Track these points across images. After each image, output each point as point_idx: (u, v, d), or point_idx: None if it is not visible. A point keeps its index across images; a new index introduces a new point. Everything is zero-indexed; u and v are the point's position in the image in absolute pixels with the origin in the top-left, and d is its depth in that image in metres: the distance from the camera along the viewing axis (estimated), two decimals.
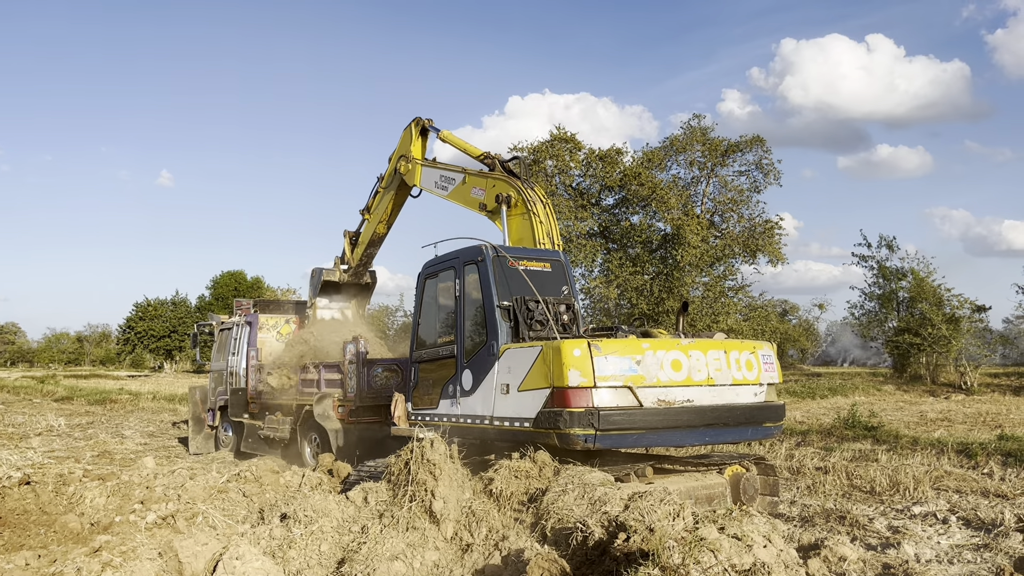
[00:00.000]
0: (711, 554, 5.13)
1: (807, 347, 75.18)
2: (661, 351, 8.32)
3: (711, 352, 8.68)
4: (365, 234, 15.37)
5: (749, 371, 8.96)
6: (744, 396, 8.92)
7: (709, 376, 8.58)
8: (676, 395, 8.33)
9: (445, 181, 12.60)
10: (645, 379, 8.11)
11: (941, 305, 44.22)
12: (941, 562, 7.71)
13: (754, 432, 9.16)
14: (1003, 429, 18.02)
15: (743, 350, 9.01)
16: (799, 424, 19.22)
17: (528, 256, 9.63)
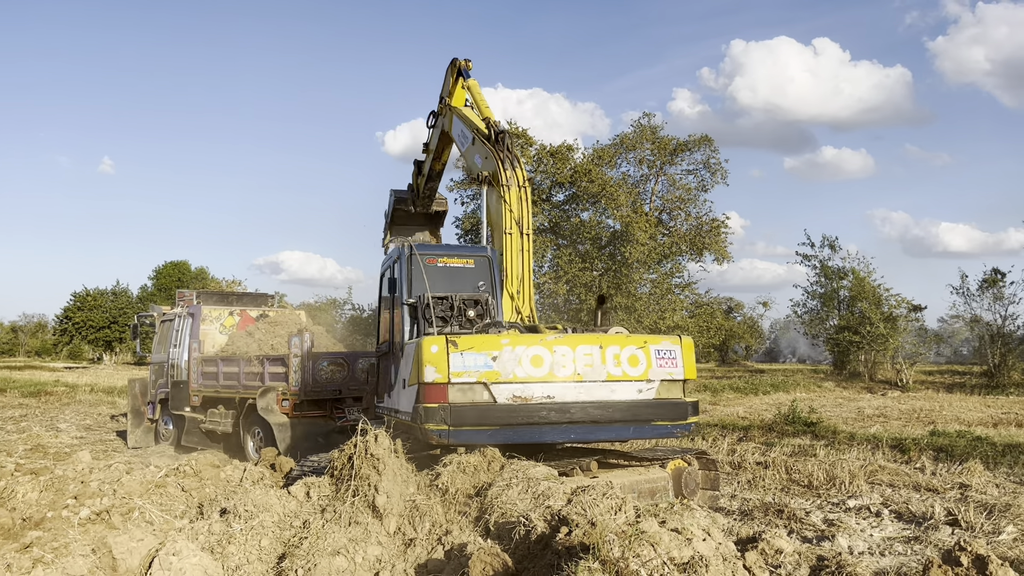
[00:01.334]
0: (651, 547, 5.20)
1: (751, 344, 76.55)
2: (520, 347, 8.25)
3: (581, 348, 8.41)
4: (424, 167, 14.84)
5: (632, 367, 8.56)
6: (623, 393, 8.53)
7: (576, 372, 8.34)
8: (534, 391, 8.24)
9: (463, 136, 12.02)
10: (500, 375, 8.14)
11: (880, 304, 45.47)
12: (873, 554, 7.93)
13: (638, 431, 8.69)
14: (935, 425, 18.61)
15: (625, 345, 8.60)
16: (741, 420, 19.58)
17: (451, 253, 9.89)
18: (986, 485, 11.52)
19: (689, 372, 8.86)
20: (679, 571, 5.14)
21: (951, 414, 23.75)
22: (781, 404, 21.77)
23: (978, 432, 16.31)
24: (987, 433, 16.31)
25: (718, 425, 17.60)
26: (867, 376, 45.45)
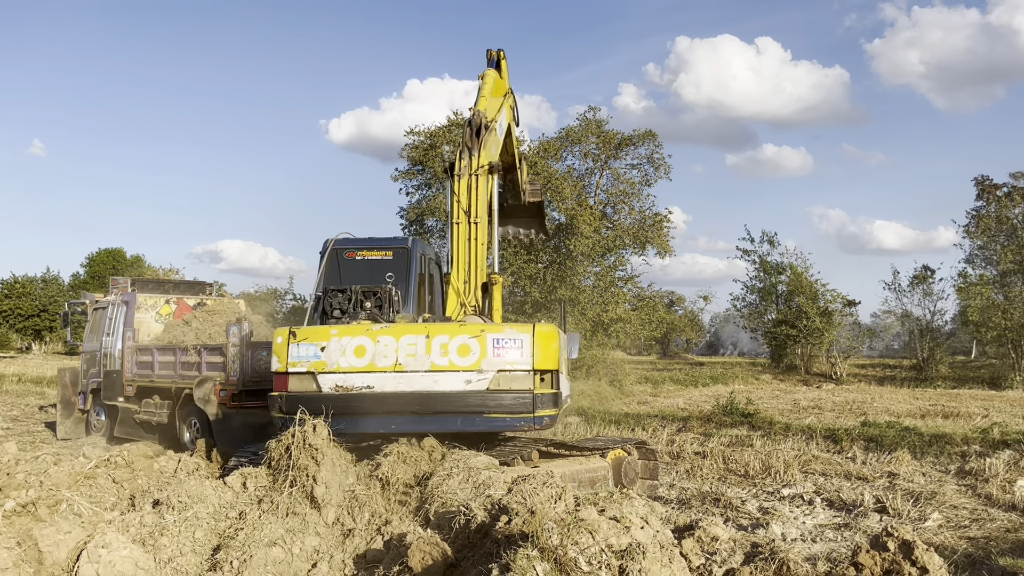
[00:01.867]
0: (589, 535, 5.24)
1: (692, 337, 77.76)
2: (346, 337, 8.33)
3: (405, 338, 8.32)
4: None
5: (461, 356, 8.26)
6: (447, 383, 8.25)
7: (397, 362, 8.24)
8: (355, 381, 8.26)
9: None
10: (326, 365, 8.28)
11: (816, 299, 46.67)
12: (805, 540, 8.13)
13: (467, 422, 8.24)
14: (867, 416, 19.19)
15: (455, 334, 8.36)
16: (681, 411, 19.90)
17: (370, 246, 9.93)
18: (913, 474, 11.91)
19: (543, 362, 8.24)
20: (617, 558, 5.19)
21: (882, 406, 24.47)
22: (720, 396, 22.19)
23: (906, 423, 16.87)
24: (915, 424, 16.88)
25: (658, 416, 17.86)
26: (803, 369, 46.63)
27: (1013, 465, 12.21)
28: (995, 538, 8.34)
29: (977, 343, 51.14)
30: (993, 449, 13.14)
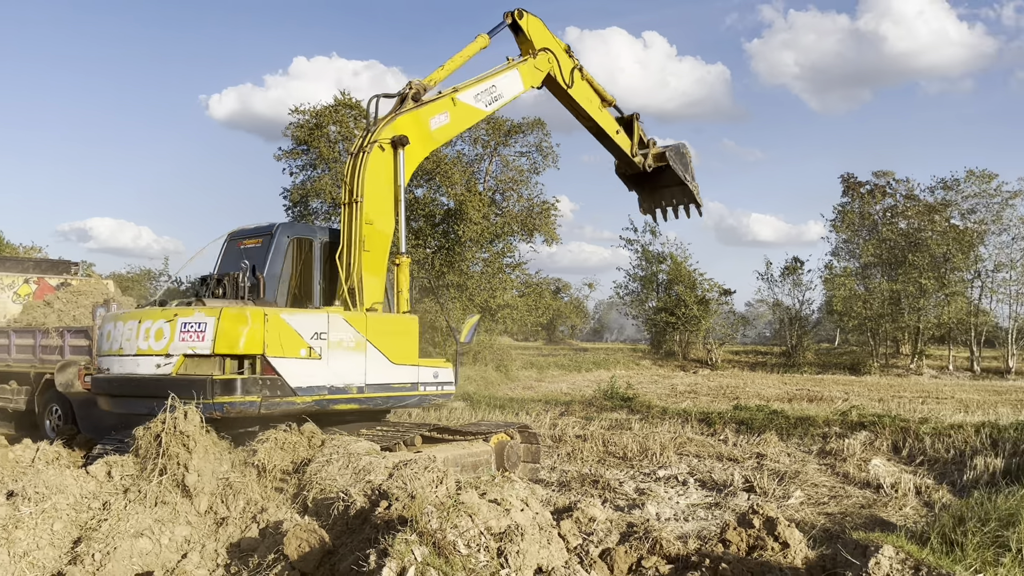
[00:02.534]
0: (469, 518, 5.25)
1: (577, 323, 79.28)
2: (108, 323, 9.11)
3: (130, 322, 8.52)
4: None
5: (157, 340, 8.17)
6: (145, 367, 8.23)
7: (121, 346, 8.60)
8: (110, 364, 8.87)
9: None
10: (102, 349, 9.17)
11: (694, 288, 48.44)
12: (679, 519, 8.43)
13: (161, 405, 7.57)
14: (739, 400, 20.04)
15: (157, 319, 8.26)
16: (564, 395, 20.24)
17: (250, 235, 9.94)
18: (779, 454, 12.55)
19: (223, 346, 7.87)
20: (496, 540, 5.23)
21: (753, 390, 25.67)
22: (602, 381, 22.72)
23: (775, 406, 17.72)
24: (782, 407, 17.76)
25: (542, 401, 18.11)
26: (681, 355, 48.35)
27: (868, 445, 13.06)
28: (850, 513, 8.89)
29: (840, 331, 54.30)
30: (851, 430, 13.99)
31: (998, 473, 10.53)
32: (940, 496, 9.67)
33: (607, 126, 12.12)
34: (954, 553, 5.34)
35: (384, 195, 9.56)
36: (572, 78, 11.42)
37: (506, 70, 10.73)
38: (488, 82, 10.56)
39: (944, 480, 10.83)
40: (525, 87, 10.95)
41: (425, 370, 9.36)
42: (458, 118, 10.34)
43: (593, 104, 11.86)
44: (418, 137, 9.82)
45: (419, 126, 9.86)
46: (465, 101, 10.34)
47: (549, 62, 11.14)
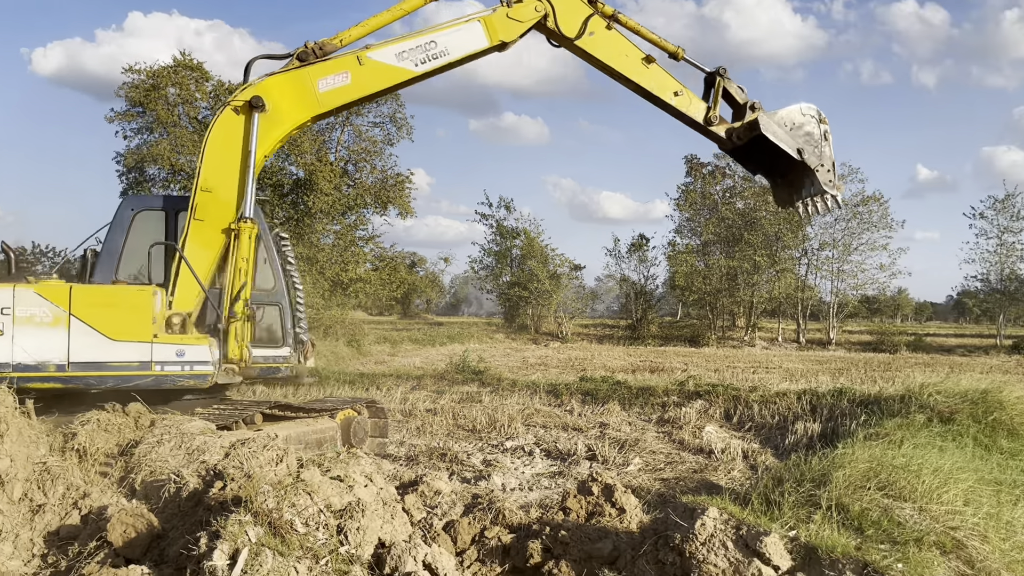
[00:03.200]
0: (307, 496, 5.13)
1: (433, 298, 79.18)
2: None
3: None
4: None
5: None
6: None
7: None
8: None
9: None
10: None
11: (547, 263, 49.45)
12: (523, 489, 8.61)
13: None
14: (586, 372, 20.67)
15: None
16: (417, 370, 20.18)
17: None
18: (621, 423, 13.05)
19: None
20: (336, 518, 5.14)
21: (600, 362, 26.56)
22: (455, 355, 22.83)
23: (619, 377, 18.39)
24: (626, 378, 18.45)
25: (394, 375, 17.97)
26: (533, 329, 49.33)
27: (703, 413, 13.80)
28: (684, 478, 9.37)
29: (682, 305, 57.08)
30: (688, 400, 14.73)
31: (816, 437, 11.40)
32: (764, 459, 10.37)
33: (656, 86, 9.70)
34: (772, 512, 5.72)
35: (229, 161, 8.81)
36: (584, 27, 9.40)
37: (460, 22, 9.05)
38: (424, 37, 8.97)
39: (769, 444, 11.62)
40: (490, 42, 9.12)
41: (164, 347, 8.44)
42: (364, 79, 8.93)
43: (629, 59, 9.63)
44: (298, 101, 8.84)
45: (300, 88, 8.88)
46: (379, 59, 8.93)
47: (537, 9, 9.31)
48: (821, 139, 9.66)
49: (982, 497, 6.33)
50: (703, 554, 5.10)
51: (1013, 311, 48.11)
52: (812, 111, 9.73)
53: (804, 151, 9.60)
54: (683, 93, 9.75)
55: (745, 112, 9.78)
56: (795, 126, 9.65)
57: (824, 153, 9.71)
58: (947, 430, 9.12)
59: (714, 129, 9.81)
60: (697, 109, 9.80)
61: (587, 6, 9.49)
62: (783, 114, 9.69)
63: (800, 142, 9.64)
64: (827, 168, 9.68)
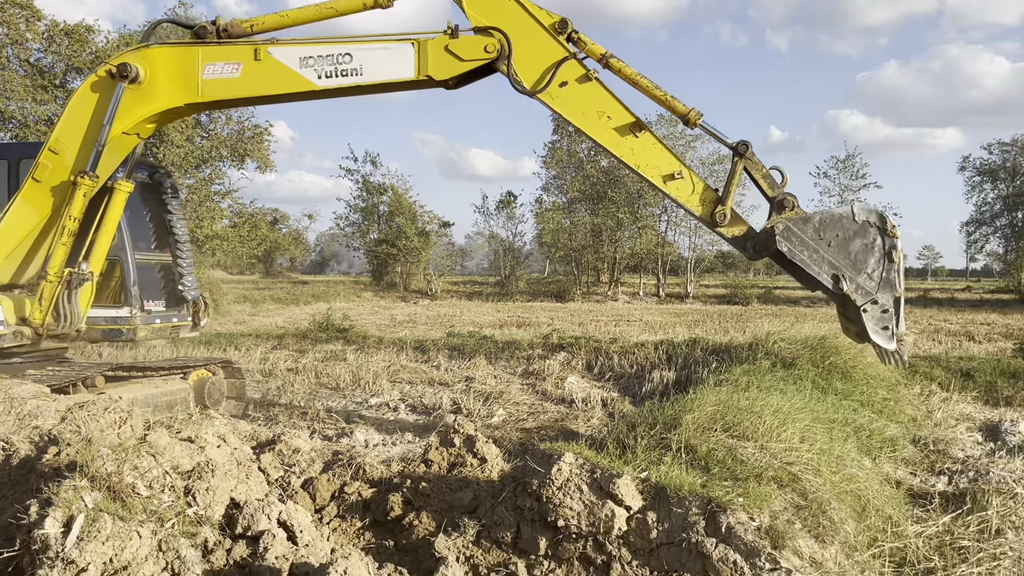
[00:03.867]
0: (151, 458, 4.88)
1: (296, 256, 77.02)
2: None
3: None
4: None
5: None
6: None
7: None
8: None
9: None
10: None
11: (415, 220, 49.02)
12: (386, 444, 8.55)
13: None
14: (454, 328, 20.72)
15: None
16: (278, 329, 19.63)
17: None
18: (487, 377, 13.18)
19: None
20: (183, 479, 4.92)
21: (469, 319, 26.69)
22: (319, 314, 22.35)
23: (486, 332, 18.56)
24: (493, 333, 18.65)
25: (252, 335, 17.41)
26: (402, 287, 48.98)
27: (566, 365, 14.14)
28: (546, 427, 9.58)
29: (549, 262, 58.07)
30: (552, 352, 15.04)
31: (671, 384, 11.90)
32: (622, 407, 10.73)
33: (643, 163, 7.11)
34: (626, 456, 5.92)
35: (84, 127, 7.86)
36: (549, 78, 7.06)
37: (390, 39, 7.29)
38: (339, 46, 7.33)
39: (627, 393, 12.04)
40: (416, 74, 7.20)
41: None
42: (255, 77, 7.45)
43: (611, 123, 7.15)
44: (177, 81, 7.62)
45: (184, 67, 7.61)
46: (280, 59, 7.42)
47: (488, 49, 7.11)
48: (882, 259, 6.58)
49: (817, 435, 6.78)
50: (559, 498, 5.22)
51: None
52: (873, 216, 6.69)
53: (845, 278, 6.59)
54: (683, 176, 7.08)
55: (773, 208, 6.92)
56: (844, 236, 6.64)
57: (881, 282, 6.66)
58: (789, 374, 9.72)
59: (723, 230, 7.02)
60: (699, 201, 7.14)
61: (561, 46, 7.03)
62: (826, 217, 6.71)
63: (842, 263, 6.62)
64: (882, 307, 6.59)
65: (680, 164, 7.03)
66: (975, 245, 62.51)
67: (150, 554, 4.16)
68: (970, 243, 63.08)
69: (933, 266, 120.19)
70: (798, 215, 6.73)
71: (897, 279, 6.54)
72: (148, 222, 9.19)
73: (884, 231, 6.61)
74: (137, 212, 9.02)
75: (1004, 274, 60.52)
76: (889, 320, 6.54)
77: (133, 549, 4.09)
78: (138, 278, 8.63)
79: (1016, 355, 14.64)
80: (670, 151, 7.00)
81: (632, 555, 5.09)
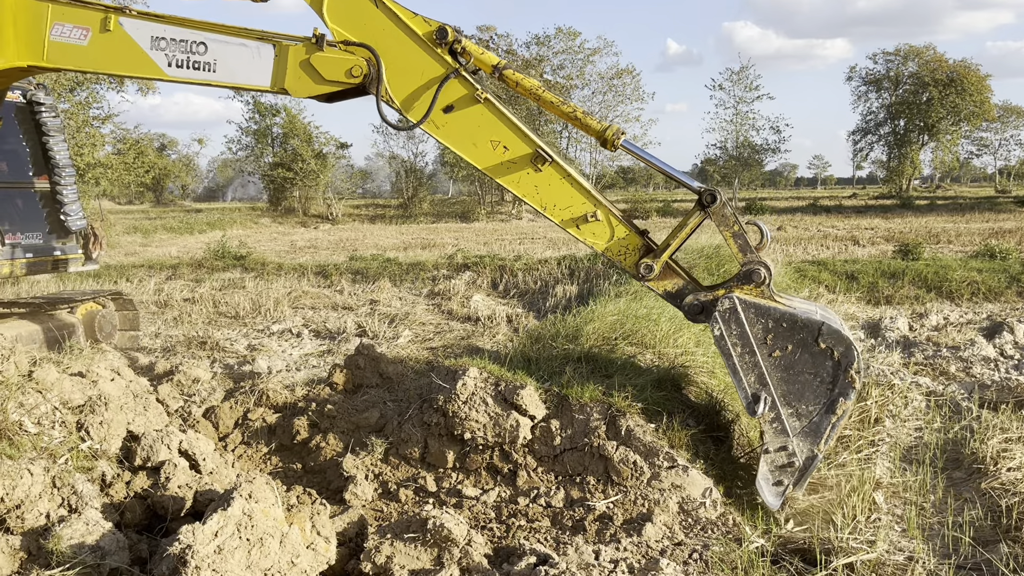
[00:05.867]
0: (38, 395, 4.69)
1: (188, 183, 73.85)
2: None
3: None
4: None
5: None
6: None
7: None
8: None
9: None
10: None
11: (311, 142, 47.50)
12: (290, 370, 8.46)
13: None
14: (356, 252, 20.44)
15: None
16: (172, 259, 18.94)
17: None
18: (392, 299, 13.11)
19: None
20: (73, 414, 4.76)
21: (372, 242, 26.36)
22: (215, 242, 21.61)
23: (390, 255, 18.40)
24: (397, 256, 18.51)
25: (144, 266, 16.74)
26: (301, 211, 47.73)
27: (471, 284, 14.20)
28: (452, 345, 9.65)
29: (453, 182, 57.53)
30: (457, 272, 15.06)
31: (573, 298, 12.12)
32: (527, 322, 10.90)
33: (541, 202, 5.59)
34: (530, 367, 6.04)
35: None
36: (431, 104, 5.41)
37: (251, 35, 5.86)
38: (196, 32, 6.02)
39: (532, 308, 12.21)
40: (271, 85, 5.83)
41: None
42: (100, 51, 6.21)
43: (495, 154, 5.55)
44: (25, 37, 6.37)
45: (32, 22, 6.36)
46: (130, 32, 6.14)
47: (353, 73, 5.54)
48: (823, 404, 5.04)
49: (710, 339, 7.07)
50: (465, 411, 5.30)
51: (747, 175, 53.38)
52: (840, 348, 4.94)
53: (766, 403, 4.99)
54: (598, 218, 5.47)
55: (736, 276, 5.24)
56: (793, 355, 5.03)
57: (806, 428, 5.07)
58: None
59: (651, 284, 5.44)
60: (619, 248, 5.50)
61: (441, 61, 5.43)
62: (787, 320, 5.00)
63: (774, 384, 5.04)
64: (790, 456, 5.05)
65: (595, 203, 5.44)
66: (861, 153, 65.30)
67: (44, 491, 4.03)
68: (856, 152, 65.85)
69: (823, 175, 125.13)
70: (760, 296, 5.04)
71: (827, 434, 4.94)
72: (23, 147, 8.58)
73: (841, 370, 4.92)
74: (9, 136, 8.40)
75: (887, 180, 63.63)
76: (789, 477, 4.97)
77: (25, 487, 3.96)
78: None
79: (895, 256, 15.54)
80: (582, 186, 5.46)
81: (537, 462, 5.26)
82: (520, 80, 5.58)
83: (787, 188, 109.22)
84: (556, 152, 5.34)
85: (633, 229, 5.42)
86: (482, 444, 5.29)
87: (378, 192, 72.69)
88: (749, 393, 4.98)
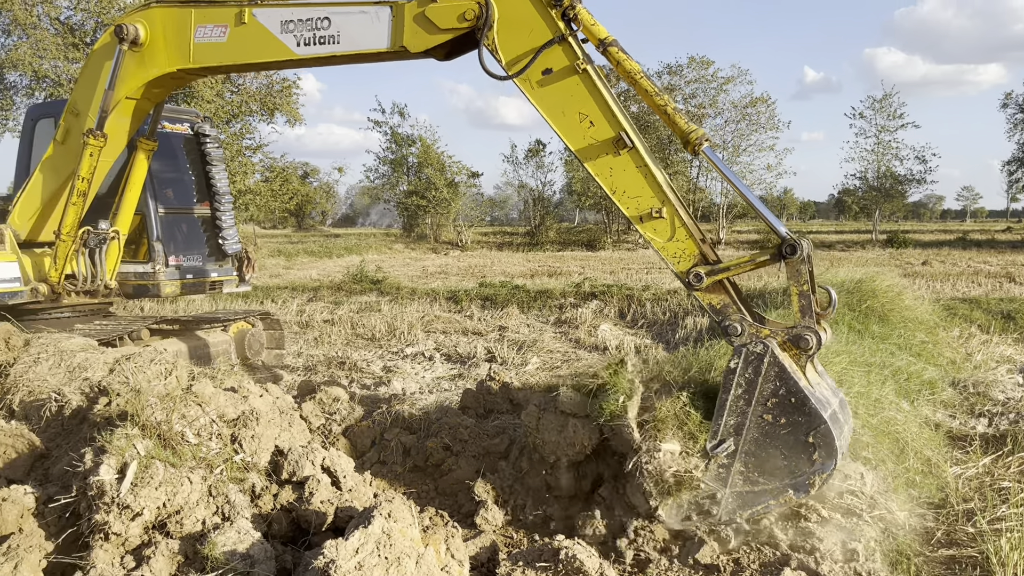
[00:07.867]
0: (198, 407, 5.01)
1: (328, 209, 77.42)
2: None
3: None
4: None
5: None
6: None
7: None
8: None
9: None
10: None
11: (444, 171, 48.89)
12: (423, 392, 8.69)
13: None
14: (485, 278, 20.80)
15: None
16: (313, 282, 19.85)
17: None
18: (520, 326, 13.25)
19: None
20: (229, 427, 5.06)
21: (499, 269, 26.76)
22: (352, 266, 22.52)
23: (518, 282, 18.63)
24: (524, 283, 18.71)
25: (288, 288, 17.64)
26: (432, 238, 49.10)
27: (598, 313, 14.16)
28: (580, 374, 9.63)
29: (579, 210, 57.76)
30: (584, 300, 15.07)
31: (704, 330, 11.88)
32: (656, 353, 10.75)
33: (613, 185, 5.32)
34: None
35: (95, 90, 7.58)
36: (530, 61, 5.34)
37: (371, 3, 6.08)
38: (319, 9, 6.37)
39: (660, 339, 12.05)
40: (391, 44, 6.04)
41: None
42: (238, 43, 6.68)
43: (586, 131, 5.34)
44: (174, 44, 7.04)
45: (179, 29, 6.98)
46: (263, 22, 6.54)
47: (466, 16, 5.56)
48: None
49: (854, 377, 6.76)
50: None
51: (888, 207, 50.92)
52: (824, 449, 4.57)
53: (729, 453, 4.76)
54: (662, 215, 5.19)
55: (789, 335, 4.89)
56: (785, 433, 4.66)
57: (747, 496, 4.79)
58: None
59: (697, 294, 5.17)
60: (676, 252, 5.23)
61: (552, 23, 5.33)
62: (805, 401, 4.61)
63: (748, 442, 4.74)
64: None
65: (663, 200, 5.17)
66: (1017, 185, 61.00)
67: (201, 499, 4.31)
68: (1012, 183, 61.61)
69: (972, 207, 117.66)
70: (796, 361, 4.75)
71: (756, 509, 4.71)
72: (189, 175, 9.31)
73: (810, 471, 4.56)
74: (177, 165, 9.14)
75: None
76: (698, 518, 4.78)
77: (185, 494, 4.24)
78: (163, 233, 8.71)
79: None
80: (655, 180, 5.19)
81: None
82: (623, 60, 5.33)
83: (932, 220, 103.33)
84: (640, 141, 5.19)
85: (696, 236, 5.17)
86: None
87: (506, 220, 73.84)
88: (720, 432, 4.75)
